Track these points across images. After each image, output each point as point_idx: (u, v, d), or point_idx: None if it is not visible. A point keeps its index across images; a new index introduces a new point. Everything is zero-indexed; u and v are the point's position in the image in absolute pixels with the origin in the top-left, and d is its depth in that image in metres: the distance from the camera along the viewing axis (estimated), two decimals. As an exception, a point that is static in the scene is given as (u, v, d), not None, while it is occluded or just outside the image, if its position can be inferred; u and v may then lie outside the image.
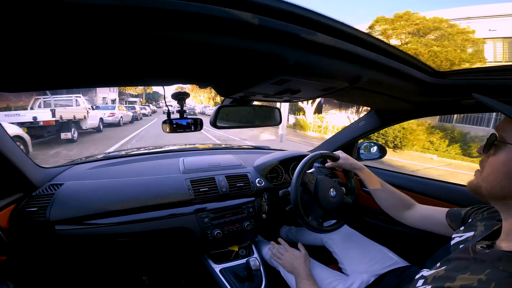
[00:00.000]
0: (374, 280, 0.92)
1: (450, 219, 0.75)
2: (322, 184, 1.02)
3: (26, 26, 0.29)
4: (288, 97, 0.87)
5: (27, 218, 0.92)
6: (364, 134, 1.37)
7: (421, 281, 0.52)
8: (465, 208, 0.72)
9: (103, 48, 0.37)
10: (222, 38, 0.38)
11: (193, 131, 0.99)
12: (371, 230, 1.24)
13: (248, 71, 0.58)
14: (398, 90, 0.81)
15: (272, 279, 1.14)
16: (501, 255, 0.44)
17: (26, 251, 0.99)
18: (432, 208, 0.85)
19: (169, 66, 0.50)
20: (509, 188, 0.45)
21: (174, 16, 0.32)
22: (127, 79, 0.63)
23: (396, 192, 0.93)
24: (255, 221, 1.27)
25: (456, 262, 0.51)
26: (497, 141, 0.48)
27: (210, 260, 1.17)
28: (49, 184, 1.05)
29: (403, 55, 0.65)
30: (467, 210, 0.71)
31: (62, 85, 0.61)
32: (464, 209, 0.72)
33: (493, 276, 0.41)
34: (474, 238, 0.57)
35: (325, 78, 0.63)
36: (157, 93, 45.89)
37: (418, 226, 0.86)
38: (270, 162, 1.40)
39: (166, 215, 1.10)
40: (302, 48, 0.45)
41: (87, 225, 0.99)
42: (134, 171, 1.27)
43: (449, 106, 0.98)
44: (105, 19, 0.30)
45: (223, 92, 0.81)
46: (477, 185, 0.50)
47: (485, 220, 0.59)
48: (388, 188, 0.95)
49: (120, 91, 30.06)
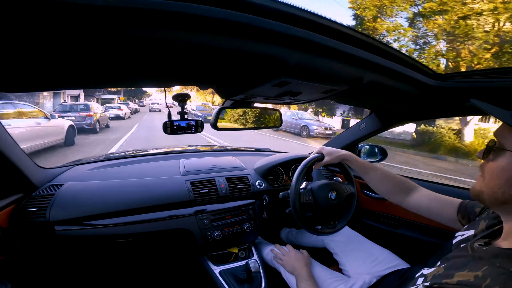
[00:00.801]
0: (376, 281, 0.91)
1: (461, 216, 0.72)
2: (319, 191, 1.00)
3: (28, 27, 0.29)
4: (289, 99, 0.87)
5: (26, 218, 0.92)
6: (364, 136, 1.36)
7: (421, 279, 0.53)
8: (479, 205, 0.69)
9: (106, 49, 0.38)
10: (224, 40, 0.39)
11: (193, 132, 0.99)
12: (372, 233, 1.24)
13: (249, 73, 0.58)
14: (398, 92, 0.81)
15: (272, 281, 1.14)
16: (498, 252, 0.45)
17: (25, 251, 0.99)
18: (441, 198, 0.80)
19: (171, 68, 0.50)
20: (509, 194, 0.45)
21: (175, 17, 0.32)
22: (129, 80, 0.63)
23: (390, 175, 0.89)
24: (255, 223, 1.26)
25: (455, 260, 0.51)
26: (496, 147, 0.48)
27: (209, 261, 1.16)
28: (49, 185, 1.05)
29: (404, 57, 0.65)
30: (482, 208, 0.67)
31: (63, 85, 0.61)
32: (479, 205, 0.69)
33: (490, 272, 0.41)
34: (474, 236, 0.57)
35: (326, 81, 0.63)
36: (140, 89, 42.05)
37: (422, 214, 0.82)
38: (270, 164, 1.40)
39: (166, 216, 1.09)
40: (303, 50, 0.45)
41: (86, 225, 0.99)
42: (134, 172, 1.27)
43: (450, 109, 0.98)
44: (109, 20, 0.30)
45: (224, 94, 0.81)
46: (480, 191, 0.50)
47: (488, 219, 0.59)
48: (382, 171, 0.90)
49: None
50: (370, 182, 0.92)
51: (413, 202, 0.84)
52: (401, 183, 0.88)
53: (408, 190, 0.86)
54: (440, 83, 0.76)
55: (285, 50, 0.44)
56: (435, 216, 0.80)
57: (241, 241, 1.26)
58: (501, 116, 0.45)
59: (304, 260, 1.00)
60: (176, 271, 1.54)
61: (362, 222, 1.42)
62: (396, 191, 0.88)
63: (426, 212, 0.81)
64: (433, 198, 0.81)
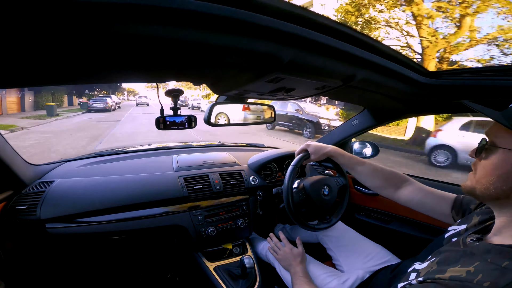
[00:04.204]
0: (369, 276, 0.93)
1: (456, 211, 0.73)
2: (312, 188, 1.01)
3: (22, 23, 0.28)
4: (283, 95, 0.87)
5: (17, 216, 0.91)
6: (357, 132, 1.38)
7: (413, 274, 0.53)
8: (475, 201, 0.70)
9: (98, 45, 0.37)
10: (217, 36, 0.38)
11: (186, 128, 0.98)
12: (364, 228, 1.26)
13: (243, 69, 0.58)
14: (391, 89, 0.82)
15: (266, 277, 1.15)
16: (490, 248, 0.46)
17: (17, 249, 0.98)
18: (437, 193, 0.80)
19: (164, 64, 0.50)
20: (502, 189, 0.47)
21: (168, 13, 0.31)
22: (119, 76, 0.62)
23: (379, 169, 0.89)
24: (249, 219, 1.27)
25: (447, 254, 0.52)
26: (488, 145, 0.50)
27: (204, 258, 1.16)
28: (39, 182, 1.03)
29: (396, 55, 0.66)
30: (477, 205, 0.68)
31: (50, 81, 0.60)
32: (474, 202, 0.70)
33: (481, 268, 0.42)
34: (466, 231, 0.58)
35: (319, 77, 0.63)
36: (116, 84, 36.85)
37: (415, 208, 0.83)
38: (264, 160, 1.41)
39: (159, 213, 1.09)
40: (297, 47, 0.45)
41: (78, 223, 0.97)
42: (126, 168, 1.25)
43: (441, 106, 1.00)
44: (101, 16, 0.29)
45: (217, 90, 0.80)
46: (472, 187, 0.52)
47: (481, 214, 0.60)
48: (370, 165, 0.90)
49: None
50: (359, 176, 0.93)
51: (404, 196, 0.84)
52: (392, 176, 0.88)
53: (399, 184, 0.86)
54: (431, 81, 0.77)
55: (279, 46, 0.44)
56: (427, 211, 0.81)
57: (235, 237, 1.27)
58: (493, 116, 0.46)
59: (300, 256, 1.01)
60: (171, 268, 1.54)
61: (354, 218, 1.44)
62: (386, 185, 0.88)
63: (418, 206, 0.82)
64: (427, 192, 0.81)
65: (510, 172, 0.45)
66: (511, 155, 0.45)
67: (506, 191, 0.46)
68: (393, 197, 0.87)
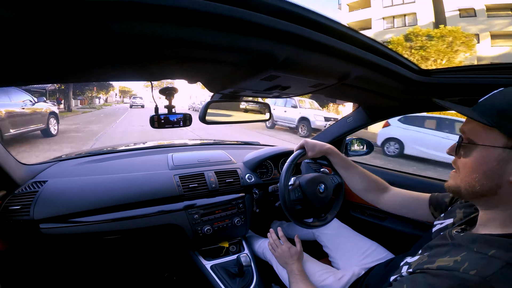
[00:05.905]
0: (364, 273, 0.94)
1: (434, 207, 0.76)
2: (308, 186, 1.01)
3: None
4: (278, 93, 0.88)
5: (10, 217, 0.89)
6: (352, 130, 1.38)
7: (405, 267, 0.54)
8: (448, 195, 0.72)
9: (91, 42, 0.36)
10: (212, 34, 0.38)
11: (181, 126, 0.98)
12: (359, 225, 1.27)
13: (238, 67, 0.58)
14: (385, 87, 0.83)
15: (263, 275, 1.15)
16: (476, 237, 0.47)
17: (11, 250, 0.96)
18: (413, 195, 0.83)
19: (158, 63, 0.49)
20: (487, 186, 0.46)
21: (162, 11, 0.31)
22: (113, 75, 0.61)
23: (367, 174, 0.91)
24: (245, 217, 1.27)
25: (436, 249, 0.53)
26: (464, 143, 0.49)
27: (200, 256, 1.16)
28: (32, 182, 1.02)
29: (390, 53, 0.66)
30: (452, 197, 0.71)
31: (42, 78, 0.59)
32: (448, 195, 0.72)
33: (468, 257, 0.43)
34: (453, 225, 0.60)
35: (314, 75, 0.63)
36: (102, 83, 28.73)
37: (397, 212, 0.86)
38: (259, 158, 1.41)
39: (154, 212, 1.08)
40: (292, 45, 0.45)
41: (73, 223, 0.96)
42: (121, 167, 1.24)
43: (433, 103, 1.01)
44: (98, 13, 0.29)
45: (212, 88, 0.80)
46: (457, 186, 0.52)
47: (464, 207, 0.61)
48: (360, 169, 0.93)
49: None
50: (350, 179, 0.94)
51: (385, 201, 0.88)
52: (376, 181, 0.91)
53: (382, 189, 0.89)
54: (424, 79, 0.78)
55: (274, 44, 0.44)
56: (407, 213, 0.84)
57: (231, 235, 1.27)
58: (464, 112, 0.47)
59: (297, 254, 1.01)
60: (167, 267, 1.53)
61: (349, 215, 1.46)
62: (371, 189, 0.91)
63: (399, 210, 0.85)
64: (404, 196, 0.85)
65: (495, 168, 0.45)
66: (492, 151, 0.45)
67: (492, 187, 0.46)
68: (376, 201, 0.90)
